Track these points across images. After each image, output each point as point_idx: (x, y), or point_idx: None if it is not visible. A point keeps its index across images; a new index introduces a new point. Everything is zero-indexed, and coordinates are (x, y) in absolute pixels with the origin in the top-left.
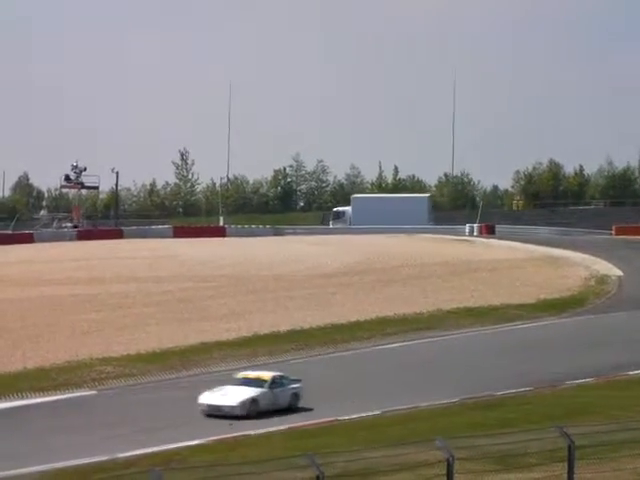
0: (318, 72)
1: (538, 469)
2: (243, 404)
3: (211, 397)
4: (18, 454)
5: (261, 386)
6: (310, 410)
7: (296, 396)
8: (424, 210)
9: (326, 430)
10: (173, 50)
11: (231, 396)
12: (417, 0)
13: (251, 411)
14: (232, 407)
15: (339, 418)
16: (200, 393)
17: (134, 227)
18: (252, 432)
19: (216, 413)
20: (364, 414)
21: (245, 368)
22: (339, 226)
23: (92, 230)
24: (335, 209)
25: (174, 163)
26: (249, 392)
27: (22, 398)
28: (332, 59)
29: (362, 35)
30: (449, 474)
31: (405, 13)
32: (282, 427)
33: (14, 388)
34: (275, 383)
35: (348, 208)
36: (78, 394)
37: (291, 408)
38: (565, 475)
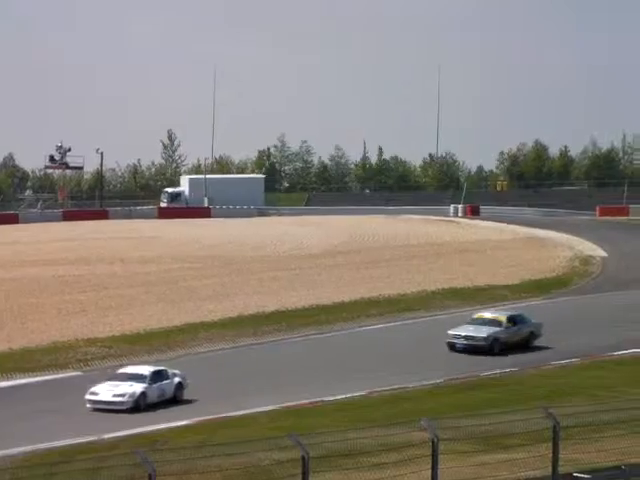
0: (304, 53)
1: (523, 449)
2: None
3: None
4: (3, 435)
5: None
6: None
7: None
8: (260, 191)
9: (312, 411)
10: (160, 31)
11: None
12: None
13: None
14: None
15: (325, 399)
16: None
17: (119, 208)
18: (236, 412)
19: None
20: (350, 395)
21: (230, 349)
22: (176, 206)
23: (73, 211)
24: (169, 190)
25: (162, 142)
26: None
27: (7, 379)
28: (318, 40)
29: (348, 16)
30: (434, 454)
31: None
32: (267, 407)
33: (0, 368)
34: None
35: (183, 189)
36: (64, 375)
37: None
38: (550, 455)
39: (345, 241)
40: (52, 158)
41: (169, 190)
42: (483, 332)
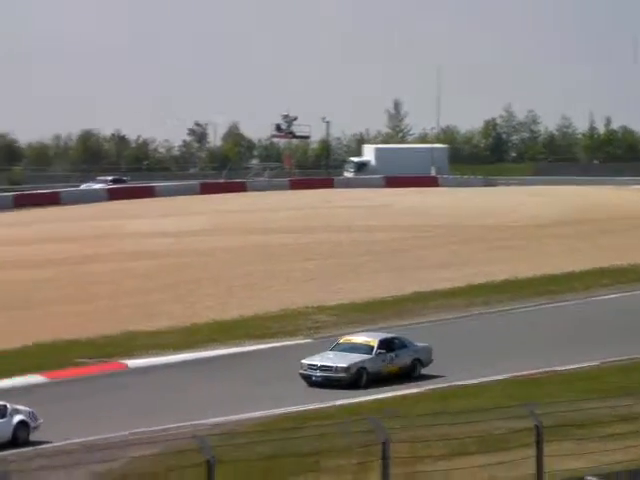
0: (530, 21)
1: None
2: None
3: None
4: (241, 399)
5: None
6: None
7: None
8: (444, 160)
9: (543, 380)
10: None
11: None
12: None
13: None
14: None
15: (556, 369)
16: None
17: (344, 177)
18: (469, 381)
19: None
20: (581, 365)
21: (461, 318)
22: (364, 177)
23: (299, 179)
24: (355, 160)
25: (388, 112)
26: None
27: (239, 345)
28: (547, 5)
29: None
30: None
31: None
32: (499, 377)
33: (231, 335)
34: None
35: (368, 158)
36: (293, 342)
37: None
38: None
39: (574, 211)
40: (278, 127)
41: (355, 159)
42: (344, 361)
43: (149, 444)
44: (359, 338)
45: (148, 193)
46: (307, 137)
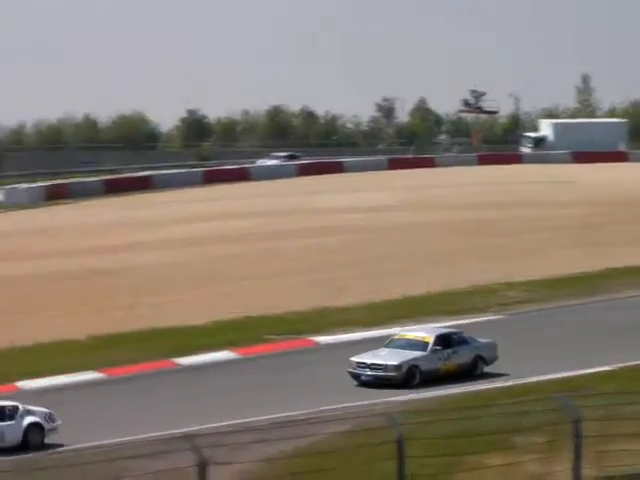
0: None
1: None
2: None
3: None
4: None
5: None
6: None
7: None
8: (623, 136)
9: None
10: None
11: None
12: None
13: None
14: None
15: None
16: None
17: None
18: None
19: None
20: None
21: None
22: (541, 152)
23: (488, 154)
24: (532, 135)
25: (576, 87)
26: None
27: (430, 322)
28: None
29: None
30: None
31: None
32: None
33: (421, 312)
34: None
35: (545, 134)
36: (484, 319)
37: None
38: None
39: None
40: (466, 102)
41: (532, 135)
42: (395, 359)
43: (341, 421)
44: (414, 334)
45: (337, 168)
46: (495, 112)
